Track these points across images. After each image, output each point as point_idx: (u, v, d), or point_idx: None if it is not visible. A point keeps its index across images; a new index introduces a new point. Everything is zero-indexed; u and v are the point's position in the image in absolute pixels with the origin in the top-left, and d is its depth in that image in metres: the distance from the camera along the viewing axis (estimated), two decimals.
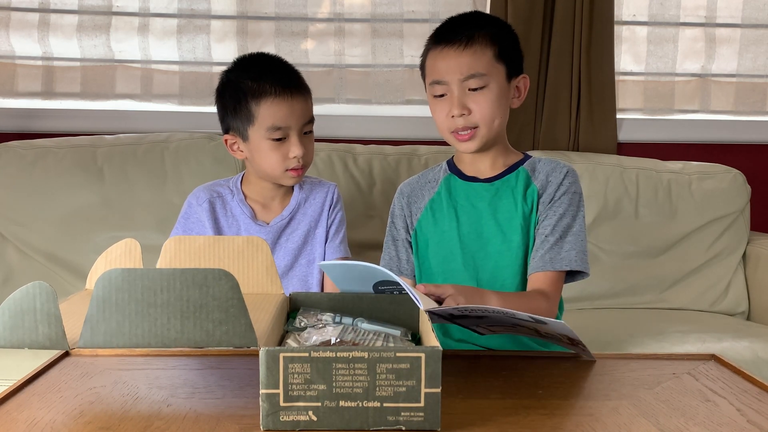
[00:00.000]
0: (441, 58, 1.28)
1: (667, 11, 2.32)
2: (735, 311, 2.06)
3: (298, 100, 1.41)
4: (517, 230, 1.29)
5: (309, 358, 0.72)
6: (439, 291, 1.02)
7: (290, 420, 0.72)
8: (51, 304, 0.74)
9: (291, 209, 1.50)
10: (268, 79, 1.40)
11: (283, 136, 1.40)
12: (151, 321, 0.74)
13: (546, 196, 1.30)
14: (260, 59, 1.47)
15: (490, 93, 1.27)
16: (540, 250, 1.26)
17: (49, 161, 1.95)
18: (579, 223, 1.29)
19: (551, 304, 1.23)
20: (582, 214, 1.31)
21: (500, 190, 1.32)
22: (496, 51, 1.27)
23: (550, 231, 1.27)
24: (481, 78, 1.26)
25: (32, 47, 2.21)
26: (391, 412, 0.73)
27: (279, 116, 1.39)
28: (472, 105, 1.27)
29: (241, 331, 0.75)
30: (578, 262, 1.25)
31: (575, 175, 1.33)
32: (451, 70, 1.27)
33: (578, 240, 1.28)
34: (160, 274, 0.74)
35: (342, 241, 1.53)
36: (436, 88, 1.29)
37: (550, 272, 1.25)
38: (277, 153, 1.41)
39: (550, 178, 1.31)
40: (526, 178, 1.32)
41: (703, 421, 0.77)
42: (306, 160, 1.44)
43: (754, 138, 2.37)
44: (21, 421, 0.75)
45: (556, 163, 1.33)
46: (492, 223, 1.31)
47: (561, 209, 1.28)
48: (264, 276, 1.05)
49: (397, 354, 0.72)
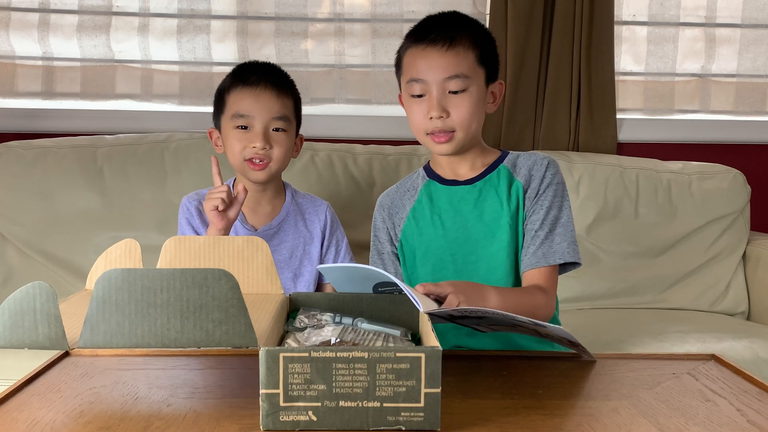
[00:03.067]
0: (423, 56, 1.25)
1: (667, 11, 2.33)
2: (735, 311, 2.05)
3: (268, 94, 1.45)
4: (506, 229, 1.28)
5: (309, 358, 0.72)
6: (438, 290, 1.02)
7: (290, 420, 0.72)
8: (51, 304, 0.74)
9: (280, 219, 1.51)
10: (247, 74, 1.47)
11: (245, 125, 1.44)
12: (151, 321, 0.74)
13: (531, 190, 1.29)
14: (251, 63, 1.53)
15: (470, 97, 1.25)
16: (531, 246, 1.26)
17: (49, 161, 1.95)
18: (566, 214, 1.28)
19: (549, 297, 1.23)
20: (567, 203, 1.30)
21: (483, 190, 1.31)
22: (477, 54, 1.26)
23: (539, 226, 1.26)
24: (464, 80, 1.24)
25: (32, 47, 2.21)
26: (391, 412, 0.73)
27: (242, 104, 1.44)
28: (451, 108, 1.25)
29: (241, 331, 0.75)
30: (570, 253, 1.25)
31: (556, 166, 1.32)
32: (432, 70, 1.24)
33: (567, 231, 1.27)
34: (160, 274, 0.74)
35: (350, 259, 1.57)
36: (414, 86, 1.26)
37: (544, 267, 1.24)
38: (239, 143, 1.44)
39: (533, 171, 1.30)
40: (508, 175, 1.31)
41: (703, 421, 0.77)
42: (270, 156, 1.44)
43: (754, 138, 2.37)
44: (21, 421, 0.75)
45: (536, 156, 1.32)
46: (479, 226, 1.29)
47: (547, 202, 1.27)
48: (264, 276, 1.05)
49: (397, 354, 0.72)
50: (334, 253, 1.55)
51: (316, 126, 2.22)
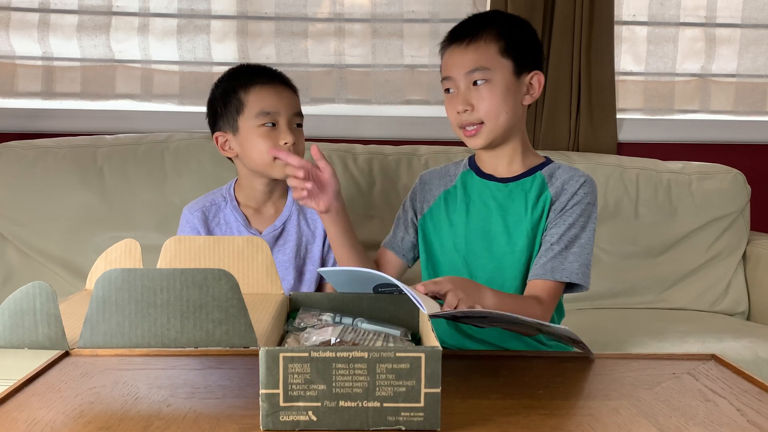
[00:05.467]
0: (448, 55, 1.31)
1: (667, 11, 2.33)
2: (735, 311, 2.05)
3: (286, 91, 1.47)
4: (524, 235, 1.28)
5: (309, 358, 0.71)
6: (437, 288, 1.01)
7: (290, 420, 0.72)
8: (51, 304, 0.74)
9: (284, 219, 1.51)
10: (256, 75, 1.47)
11: (272, 122, 1.43)
12: (151, 321, 0.74)
13: (558, 204, 1.28)
14: (247, 65, 1.54)
15: (494, 87, 1.27)
16: (543, 258, 1.25)
17: (49, 161, 1.95)
18: (587, 236, 1.27)
19: (545, 311, 1.22)
20: (592, 226, 1.28)
21: (513, 192, 1.31)
22: (502, 46, 1.27)
23: (556, 240, 1.25)
24: (484, 72, 1.26)
25: (32, 47, 2.21)
26: (391, 412, 0.73)
27: (268, 102, 1.43)
28: (475, 101, 1.27)
29: (241, 331, 0.75)
30: (579, 275, 1.24)
31: (592, 186, 1.30)
32: (456, 66, 1.29)
33: (584, 252, 1.26)
34: (160, 274, 0.74)
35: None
36: (445, 84, 1.32)
37: (550, 281, 1.23)
38: (267, 140, 1.42)
39: (566, 186, 1.29)
40: (541, 184, 1.30)
41: (703, 421, 0.77)
42: (296, 151, 1.44)
43: (754, 138, 2.37)
44: (21, 421, 0.75)
45: (575, 172, 1.31)
46: (500, 224, 1.30)
47: (571, 219, 1.26)
48: (264, 276, 1.05)
49: (397, 354, 0.72)
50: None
51: (316, 126, 2.21)
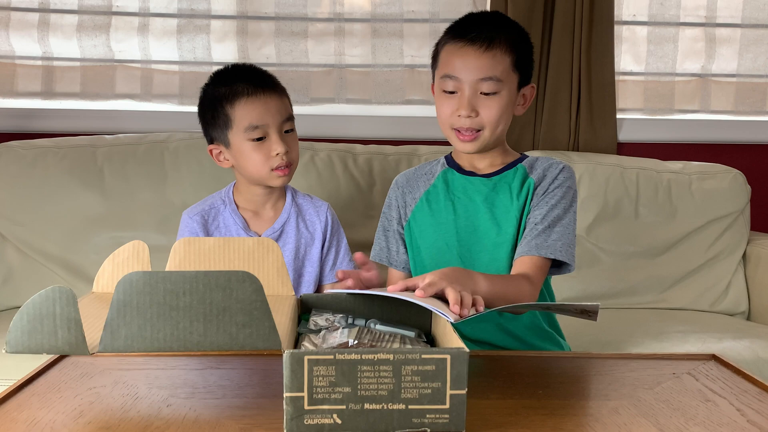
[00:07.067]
0: (459, 55, 1.27)
1: (667, 11, 2.32)
2: (735, 311, 2.06)
3: (273, 98, 1.43)
4: (513, 223, 1.29)
5: (334, 361, 0.70)
6: (434, 289, 1.00)
7: (314, 423, 0.71)
8: (71, 308, 0.72)
9: (282, 221, 1.50)
10: (240, 81, 1.43)
11: (262, 135, 1.41)
12: (174, 324, 0.72)
13: (540, 188, 1.30)
14: (231, 68, 1.50)
15: (501, 100, 1.26)
16: (528, 236, 1.27)
17: (49, 161, 1.95)
18: (569, 217, 1.29)
19: (534, 288, 1.22)
20: (574, 210, 1.31)
21: (498, 185, 1.33)
22: (514, 59, 1.27)
23: (540, 219, 1.27)
24: (497, 83, 1.25)
25: (32, 47, 2.21)
26: (416, 414, 0.72)
27: (254, 115, 1.41)
28: (481, 109, 1.26)
29: (264, 334, 0.73)
30: (563, 253, 1.25)
31: (571, 172, 1.34)
32: (467, 69, 1.26)
33: (566, 232, 1.27)
34: (183, 276, 0.72)
35: (350, 260, 1.56)
36: (448, 83, 1.28)
37: (536, 257, 1.25)
38: (259, 153, 1.41)
39: (547, 172, 1.32)
40: (523, 174, 1.33)
41: (703, 421, 0.77)
42: (290, 158, 1.44)
43: (754, 138, 2.37)
44: (21, 421, 0.75)
45: (554, 160, 1.35)
46: (488, 217, 1.31)
47: (553, 200, 1.28)
48: (275, 277, 1.03)
49: (423, 356, 0.71)
50: (334, 254, 1.55)
51: (316, 126, 2.22)
